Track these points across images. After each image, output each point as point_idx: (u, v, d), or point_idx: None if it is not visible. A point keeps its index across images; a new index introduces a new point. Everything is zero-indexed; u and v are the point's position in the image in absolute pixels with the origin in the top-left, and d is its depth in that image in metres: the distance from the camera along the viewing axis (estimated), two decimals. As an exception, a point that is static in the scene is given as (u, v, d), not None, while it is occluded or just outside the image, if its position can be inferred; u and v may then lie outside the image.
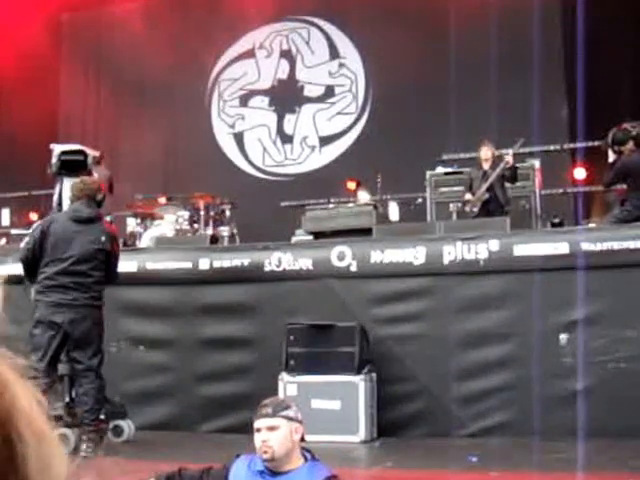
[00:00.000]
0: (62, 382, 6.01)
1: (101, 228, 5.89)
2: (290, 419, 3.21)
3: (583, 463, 5.26)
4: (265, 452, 3.18)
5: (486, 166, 8.95)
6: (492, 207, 8.61)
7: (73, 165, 6.17)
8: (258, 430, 3.22)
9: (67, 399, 5.95)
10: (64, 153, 6.24)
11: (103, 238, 5.82)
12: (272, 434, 3.17)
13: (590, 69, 10.63)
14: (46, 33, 13.09)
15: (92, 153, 6.29)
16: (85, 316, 5.71)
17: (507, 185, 8.92)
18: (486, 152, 8.97)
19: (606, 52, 10.57)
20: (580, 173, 10.80)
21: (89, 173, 6.22)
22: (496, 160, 8.89)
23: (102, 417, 5.85)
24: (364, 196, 9.62)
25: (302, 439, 3.27)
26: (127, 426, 6.23)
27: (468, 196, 8.81)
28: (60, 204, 6.31)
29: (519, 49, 11.20)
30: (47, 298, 5.69)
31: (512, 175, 8.77)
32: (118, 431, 6.21)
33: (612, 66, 10.64)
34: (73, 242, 5.74)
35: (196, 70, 13.22)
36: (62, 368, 6.00)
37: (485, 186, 8.69)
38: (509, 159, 8.67)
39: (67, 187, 6.18)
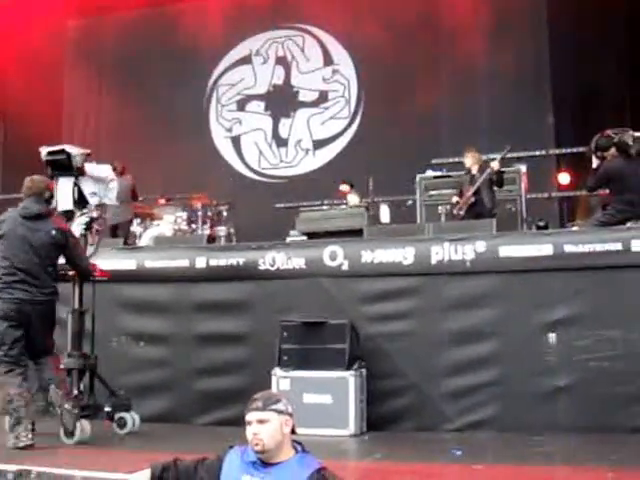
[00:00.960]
0: (70, 375, 6.00)
1: (51, 223, 5.88)
2: (280, 412, 3.22)
3: (565, 457, 5.29)
4: (256, 444, 3.20)
5: (474, 171, 9.02)
6: (478, 210, 8.67)
7: (58, 165, 6.14)
8: (249, 423, 3.24)
9: (75, 392, 5.94)
10: (48, 154, 6.20)
11: (54, 232, 5.82)
12: (262, 427, 3.19)
13: (575, 79, 10.73)
14: (52, 39, 13.09)
15: (81, 151, 6.22)
16: (41, 310, 5.76)
17: (495, 189, 8.98)
18: (468, 159, 9.07)
19: (590, 64, 10.64)
20: (564, 178, 10.86)
21: (81, 171, 6.17)
22: (483, 165, 8.96)
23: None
24: (353, 199, 9.65)
25: (293, 431, 3.29)
26: (131, 418, 6.23)
27: (455, 198, 8.90)
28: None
29: (508, 58, 11.27)
30: (6, 295, 5.70)
31: (498, 180, 8.85)
32: (122, 423, 6.21)
33: (596, 77, 10.72)
34: (25, 238, 5.76)
35: (195, 76, 13.24)
36: (70, 362, 6.01)
37: (472, 189, 8.76)
38: (495, 165, 8.75)
39: (60, 187, 6.17)
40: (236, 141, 13.24)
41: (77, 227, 6.14)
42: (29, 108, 12.31)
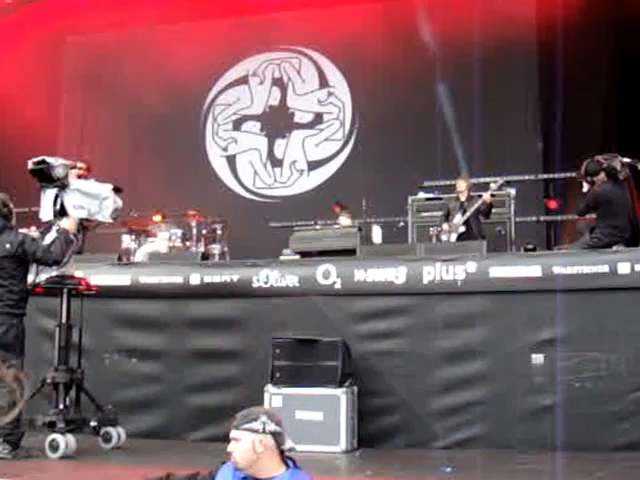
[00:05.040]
0: (56, 390, 5.96)
1: (8, 237, 5.85)
2: (254, 431, 3.16)
3: (552, 474, 5.29)
4: (233, 461, 3.21)
5: (463, 198, 9.11)
6: (467, 238, 8.71)
7: (42, 175, 6.11)
8: (230, 440, 3.24)
9: (61, 406, 5.90)
10: (33, 164, 6.17)
11: (8, 246, 5.79)
12: (236, 445, 3.18)
13: (563, 108, 10.85)
14: (50, 55, 13.11)
15: (61, 162, 6.18)
16: (2, 324, 5.70)
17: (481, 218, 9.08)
18: (461, 184, 9.15)
19: (578, 92, 10.76)
20: (552, 202, 10.94)
21: (63, 183, 6.14)
22: (472, 194, 9.07)
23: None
24: (345, 221, 9.66)
25: (280, 449, 3.24)
26: (116, 433, 6.18)
27: (445, 226, 8.96)
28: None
29: (500, 88, 11.38)
30: None
31: (487, 211, 8.96)
32: (107, 438, 6.16)
33: (584, 104, 10.84)
34: None
35: (192, 94, 13.27)
36: (56, 376, 5.97)
37: (463, 219, 8.84)
38: (487, 197, 8.85)
39: (45, 198, 6.14)
40: (231, 160, 13.26)
41: (50, 235, 6.11)
42: (26, 123, 12.29)
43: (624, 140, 10.29)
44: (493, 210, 9.23)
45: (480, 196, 9.04)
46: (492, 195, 9.00)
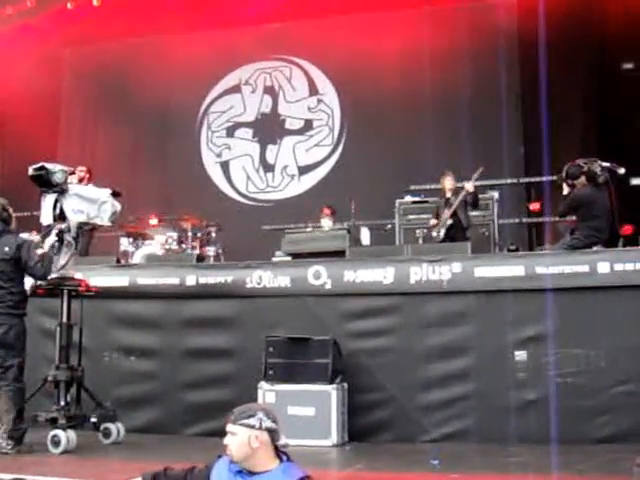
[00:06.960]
0: (58, 387, 5.94)
1: (7, 240, 5.84)
2: (250, 427, 3.17)
3: (535, 466, 5.30)
4: (229, 454, 3.21)
5: (449, 194, 9.10)
6: (455, 232, 8.72)
7: (42, 181, 6.09)
8: (226, 433, 3.24)
9: (62, 403, 5.88)
10: (32, 170, 6.14)
11: (6, 249, 5.79)
12: (232, 439, 3.19)
13: (545, 112, 10.87)
14: (49, 67, 13.05)
15: (59, 168, 6.15)
16: (3, 324, 5.68)
17: (469, 209, 9.06)
18: (447, 182, 9.14)
19: (559, 101, 10.80)
20: (534, 205, 10.98)
21: (62, 188, 6.12)
22: (457, 189, 9.05)
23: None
24: (327, 223, 9.66)
25: (274, 444, 3.24)
26: (116, 429, 6.19)
27: (433, 221, 8.94)
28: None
29: (484, 95, 11.40)
30: None
31: (473, 200, 8.92)
32: (107, 433, 6.18)
33: (564, 112, 10.89)
34: None
35: (188, 103, 13.25)
36: (58, 374, 5.95)
37: (449, 212, 8.82)
38: (469, 187, 8.82)
39: (45, 202, 6.13)
40: (225, 166, 13.24)
41: (50, 239, 6.09)
42: (26, 134, 12.23)
43: (605, 143, 10.32)
44: (477, 212, 9.25)
45: (462, 187, 9.02)
46: (475, 181, 8.94)
